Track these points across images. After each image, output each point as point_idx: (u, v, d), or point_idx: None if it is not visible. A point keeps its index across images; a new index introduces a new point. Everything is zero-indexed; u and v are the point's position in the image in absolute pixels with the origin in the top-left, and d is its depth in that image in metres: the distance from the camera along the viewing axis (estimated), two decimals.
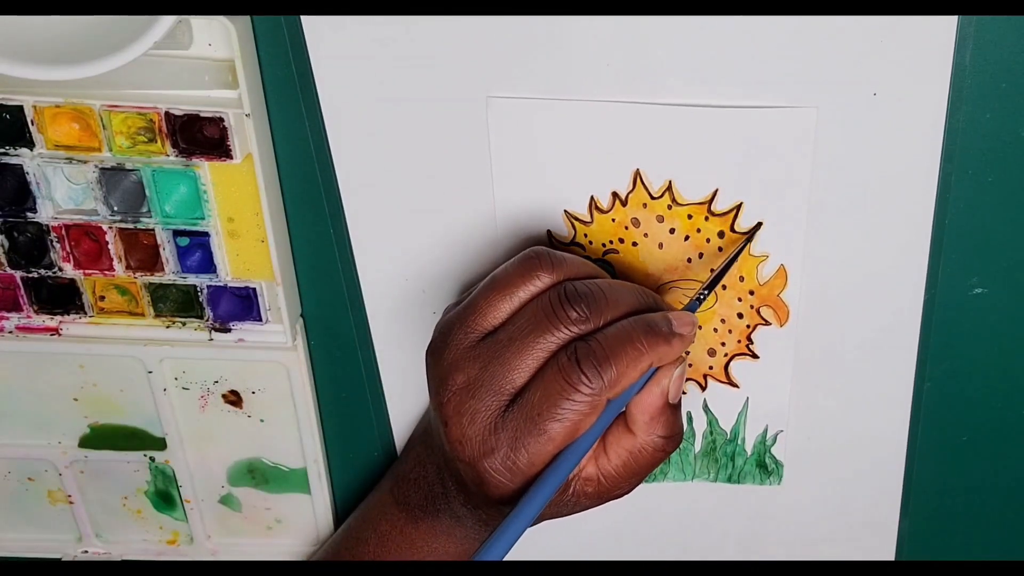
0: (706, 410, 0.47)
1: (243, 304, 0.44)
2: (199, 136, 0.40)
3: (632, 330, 0.35)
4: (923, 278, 0.42)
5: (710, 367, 0.46)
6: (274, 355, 0.45)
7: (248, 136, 0.40)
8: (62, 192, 0.42)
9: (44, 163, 0.41)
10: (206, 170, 0.40)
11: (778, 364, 0.45)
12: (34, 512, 0.52)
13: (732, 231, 0.42)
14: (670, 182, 0.41)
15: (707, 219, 0.41)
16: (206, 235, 0.42)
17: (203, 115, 0.39)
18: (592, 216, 0.42)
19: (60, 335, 0.45)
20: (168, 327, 0.45)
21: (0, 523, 0.52)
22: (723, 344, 0.45)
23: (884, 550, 0.51)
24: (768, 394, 0.46)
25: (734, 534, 0.51)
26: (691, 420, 0.47)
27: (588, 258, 0.43)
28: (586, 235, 0.42)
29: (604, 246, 0.43)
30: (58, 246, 0.43)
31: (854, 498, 0.49)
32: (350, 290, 0.45)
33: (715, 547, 0.51)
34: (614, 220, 0.42)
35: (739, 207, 0.41)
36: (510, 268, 0.37)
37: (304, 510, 0.51)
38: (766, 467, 0.48)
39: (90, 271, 0.43)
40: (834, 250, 0.42)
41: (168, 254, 0.43)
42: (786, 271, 0.43)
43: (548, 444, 0.34)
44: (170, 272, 0.43)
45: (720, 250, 0.42)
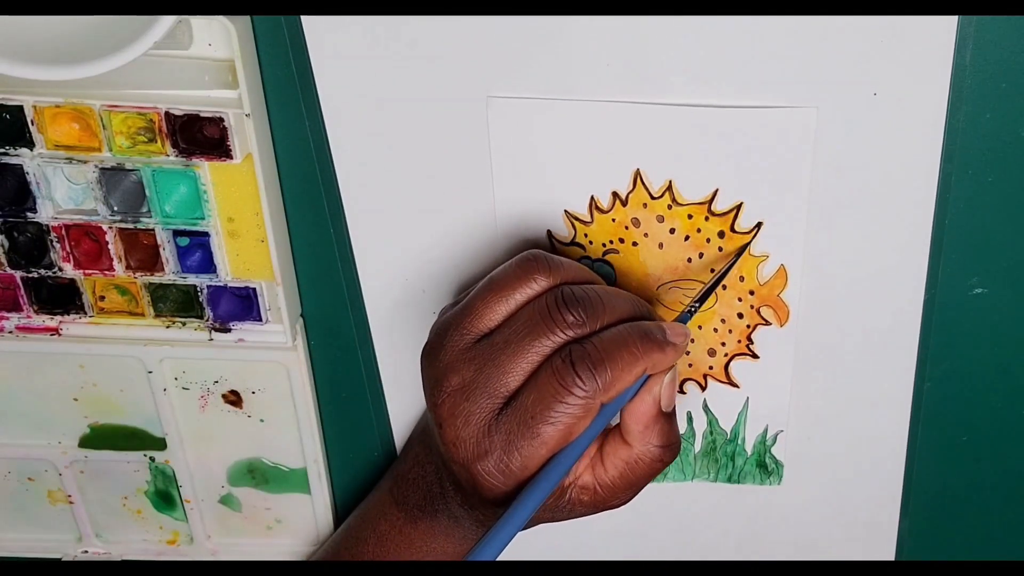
0: (706, 410, 0.47)
1: (243, 304, 0.44)
2: (199, 136, 0.40)
3: (627, 335, 0.35)
4: (923, 278, 0.42)
5: (710, 367, 0.46)
6: (274, 355, 0.45)
7: (248, 136, 0.40)
8: (62, 192, 0.42)
9: (44, 163, 0.41)
10: (206, 170, 0.40)
11: (778, 364, 0.45)
12: (34, 512, 0.52)
13: (732, 231, 0.42)
14: (670, 182, 0.41)
15: (707, 219, 0.41)
16: (206, 235, 0.42)
17: (203, 115, 0.39)
18: (592, 216, 0.42)
19: (60, 335, 0.45)
20: (168, 327, 0.45)
21: (0, 523, 0.52)
22: (723, 344, 0.45)
23: (884, 550, 0.51)
24: (768, 394, 0.46)
25: (734, 534, 0.51)
26: (691, 420, 0.47)
27: (587, 259, 0.43)
28: (586, 235, 0.42)
29: (604, 246, 0.43)
30: (58, 246, 0.43)
31: (854, 498, 0.49)
32: (350, 290, 0.45)
33: (715, 547, 0.51)
34: (614, 220, 0.42)
35: (739, 207, 0.41)
36: (507, 270, 0.36)
37: (304, 510, 0.51)
38: (766, 467, 0.48)
39: (90, 271, 0.43)
40: (834, 250, 0.42)
41: (168, 254, 0.43)
42: (786, 271, 0.43)
43: (541, 447, 0.34)
44: (170, 272, 0.43)
45: (720, 250, 0.42)
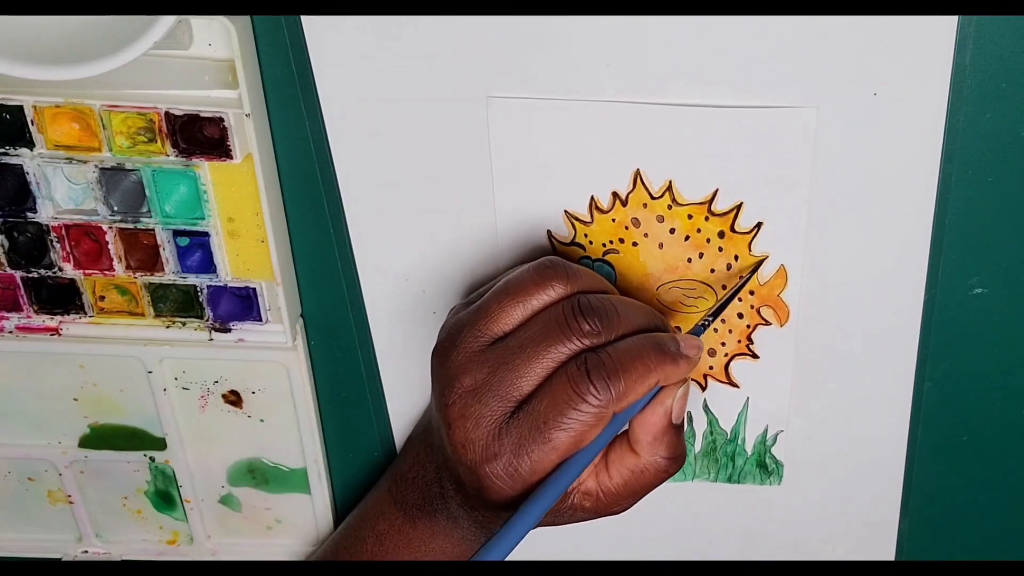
0: (706, 410, 0.47)
1: (243, 304, 0.44)
2: (199, 136, 0.40)
3: (642, 346, 0.35)
4: (923, 278, 0.42)
5: (710, 367, 0.46)
6: (274, 355, 0.45)
7: (248, 136, 0.40)
8: (62, 192, 0.42)
9: (44, 163, 0.41)
10: (206, 170, 0.40)
11: (778, 364, 0.45)
12: (34, 512, 0.52)
13: (732, 231, 0.42)
14: (670, 182, 0.41)
15: (707, 219, 0.41)
16: (206, 235, 0.42)
17: (203, 115, 0.39)
18: (592, 216, 0.42)
19: (60, 335, 0.45)
20: (168, 327, 0.45)
21: (0, 523, 0.52)
22: (723, 344, 0.45)
23: (884, 550, 0.51)
24: (768, 394, 0.46)
25: (734, 534, 0.51)
26: (691, 420, 0.47)
27: (587, 259, 0.43)
28: (586, 235, 0.42)
29: (604, 246, 0.43)
30: (58, 246, 0.43)
31: (854, 498, 0.49)
32: (350, 290, 0.45)
33: (715, 547, 0.51)
34: (614, 220, 0.42)
35: (739, 207, 0.41)
36: (524, 275, 0.37)
37: (304, 510, 0.51)
38: (766, 467, 0.48)
39: (90, 271, 0.43)
40: (834, 250, 0.42)
41: (168, 254, 0.43)
42: (786, 271, 0.43)
43: (552, 453, 0.34)
44: (170, 272, 0.43)
45: (720, 250, 0.42)
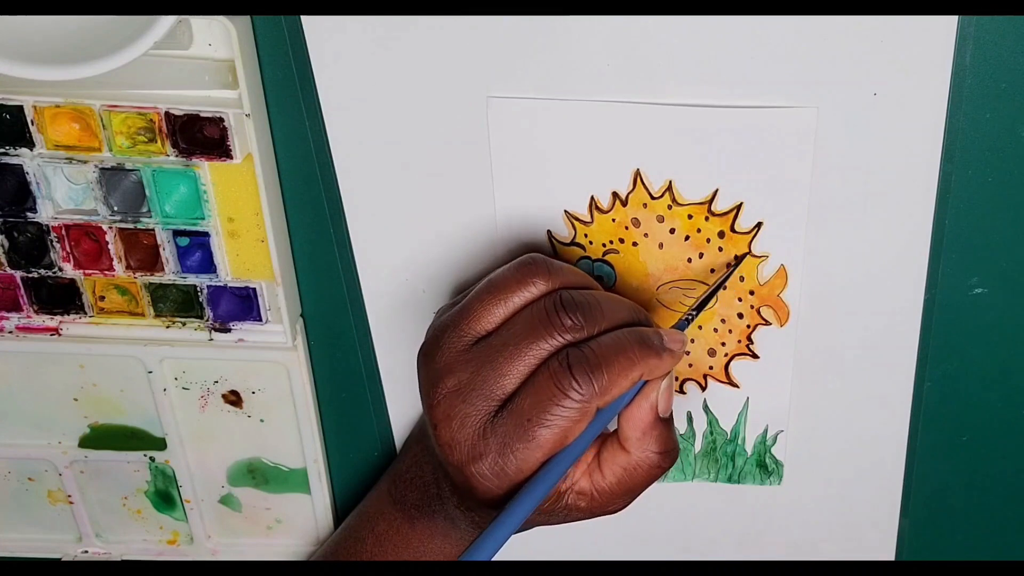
0: (706, 410, 0.47)
1: (243, 304, 0.44)
2: (199, 136, 0.40)
3: (624, 340, 0.35)
4: (923, 278, 0.42)
5: (710, 367, 0.46)
6: (274, 355, 0.45)
7: (248, 136, 0.40)
8: (62, 192, 0.42)
9: (44, 163, 0.41)
10: (206, 170, 0.40)
11: (778, 364, 0.45)
12: (34, 512, 0.52)
13: (732, 231, 0.42)
14: (670, 182, 0.41)
15: (707, 219, 0.41)
16: (206, 235, 0.42)
17: (203, 115, 0.39)
18: (592, 216, 0.42)
19: (60, 335, 0.45)
20: (168, 327, 0.45)
21: (0, 523, 0.52)
22: (723, 344, 0.45)
23: (884, 550, 0.51)
24: (768, 394, 0.46)
25: (734, 534, 0.51)
26: (691, 420, 0.47)
27: (587, 259, 0.43)
28: (586, 235, 0.42)
29: (604, 246, 0.43)
30: (58, 246, 0.43)
31: (854, 498, 0.49)
32: (350, 290, 0.45)
33: (715, 547, 0.51)
34: (614, 220, 0.42)
35: (739, 207, 0.41)
36: (506, 273, 0.36)
37: (304, 510, 0.51)
38: (766, 467, 0.48)
39: (90, 271, 0.43)
40: (834, 250, 0.42)
41: (168, 254, 0.43)
42: (786, 271, 0.43)
43: (537, 450, 0.34)
44: (170, 272, 0.43)
45: (721, 250, 0.42)
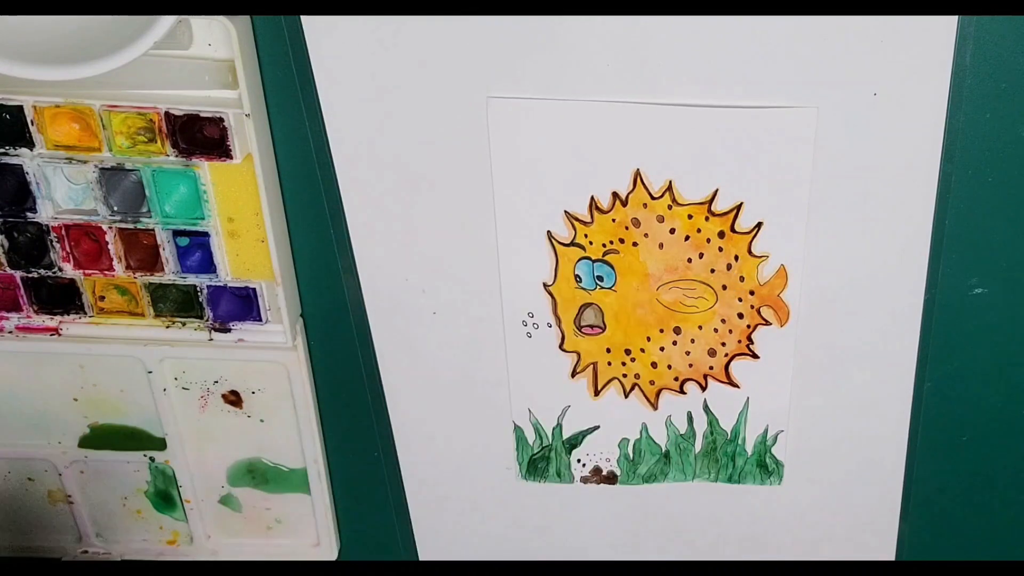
0: (706, 410, 0.47)
1: (243, 304, 0.44)
2: (199, 136, 0.40)
3: None
4: (923, 278, 0.42)
5: (710, 367, 0.46)
6: (274, 355, 0.45)
7: (248, 136, 0.40)
8: (62, 192, 0.42)
9: (44, 163, 0.41)
10: (206, 170, 0.40)
11: (778, 364, 0.45)
12: (34, 512, 0.51)
13: (732, 231, 0.42)
14: (670, 182, 0.41)
15: (707, 219, 0.41)
16: (206, 235, 0.42)
17: (203, 115, 0.39)
18: (592, 216, 0.42)
19: (60, 335, 0.45)
20: (168, 327, 0.45)
21: (0, 523, 0.52)
22: (723, 344, 0.45)
23: (884, 550, 0.51)
24: (768, 394, 0.46)
25: (734, 534, 0.51)
26: (691, 420, 0.47)
27: (588, 259, 0.43)
28: (586, 235, 0.42)
29: (604, 246, 0.43)
30: (58, 246, 0.43)
31: (854, 498, 0.49)
32: (350, 290, 0.45)
33: (715, 547, 0.51)
34: (614, 220, 0.42)
35: (739, 207, 0.41)
36: None
37: (304, 510, 0.51)
38: (766, 467, 0.48)
39: (90, 271, 0.43)
40: (834, 250, 0.42)
41: (168, 254, 0.43)
42: (786, 271, 0.43)
43: None
44: (170, 272, 0.43)
45: (720, 250, 0.42)
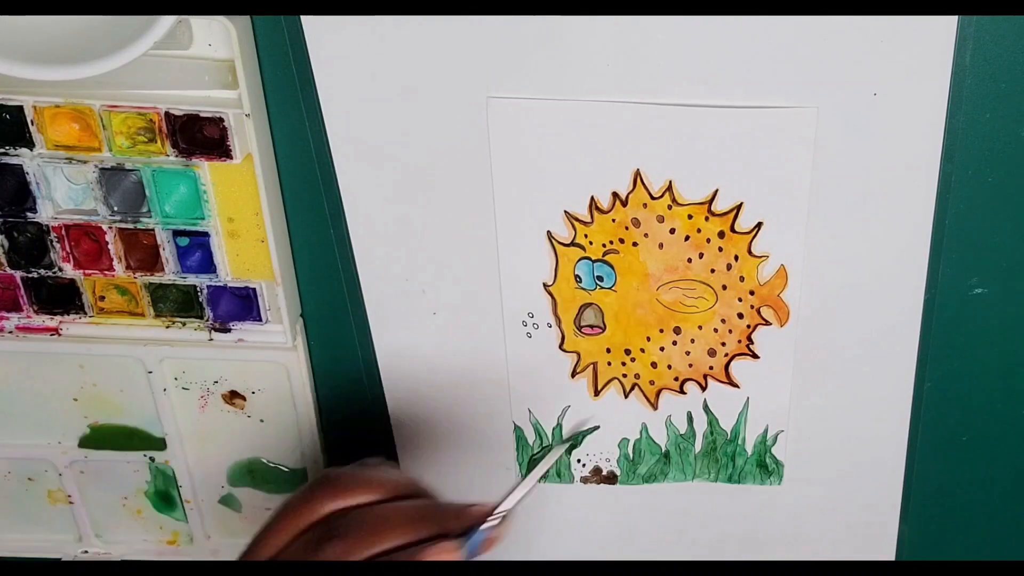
0: (706, 410, 0.47)
1: (243, 304, 0.44)
2: (199, 136, 0.40)
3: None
4: (923, 278, 0.42)
5: (710, 367, 0.46)
6: (274, 355, 0.45)
7: (248, 136, 0.40)
8: (62, 192, 0.42)
9: (44, 163, 0.41)
10: (206, 170, 0.40)
11: (778, 364, 0.45)
12: (34, 512, 0.52)
13: (732, 231, 0.42)
14: (670, 182, 0.41)
15: (707, 219, 0.41)
16: (206, 235, 0.42)
17: (203, 115, 0.39)
18: (592, 216, 0.42)
19: (60, 335, 0.45)
20: (168, 327, 0.45)
21: (0, 523, 0.52)
22: (723, 344, 0.45)
23: (884, 550, 0.51)
24: (768, 394, 0.46)
25: (734, 534, 0.51)
26: (691, 420, 0.47)
27: (588, 259, 0.43)
28: (586, 235, 0.42)
29: (604, 246, 0.43)
30: (58, 246, 0.43)
31: (854, 498, 0.49)
32: (350, 290, 0.45)
33: (715, 547, 0.51)
34: (614, 220, 0.42)
35: (739, 207, 0.41)
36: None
37: None
38: (766, 467, 0.48)
39: (90, 271, 0.43)
40: (834, 250, 0.42)
41: (168, 254, 0.43)
42: (786, 271, 0.42)
43: None
44: (170, 272, 0.43)
45: (720, 250, 0.42)
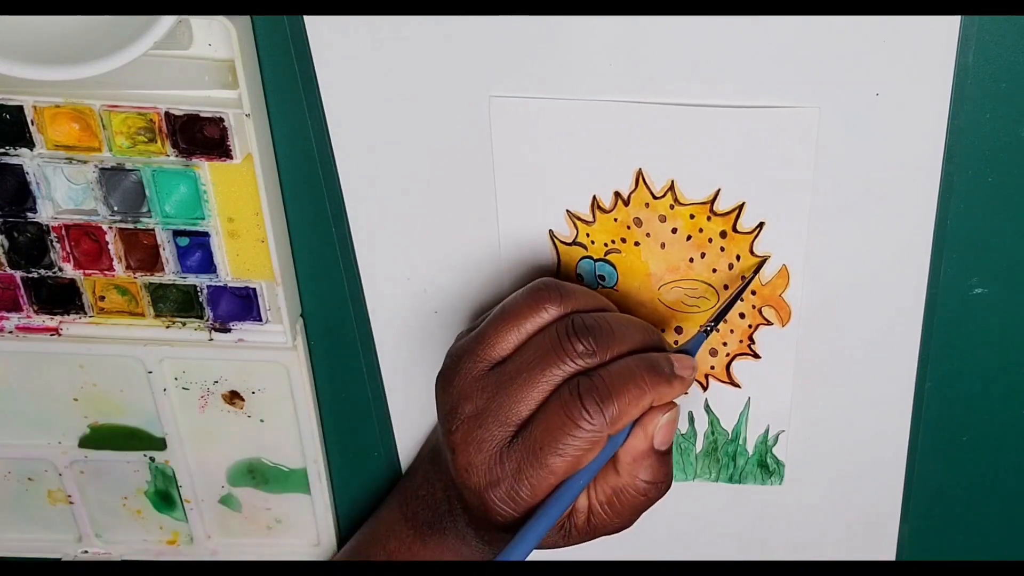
0: (708, 410, 0.47)
1: (243, 304, 0.44)
2: (199, 136, 0.40)
3: (636, 368, 0.35)
4: (924, 278, 0.42)
5: (712, 367, 0.45)
6: (274, 355, 0.45)
7: (248, 136, 0.40)
8: (62, 192, 0.42)
9: (44, 163, 0.41)
10: (206, 170, 0.40)
11: (780, 364, 0.45)
12: (34, 512, 0.51)
13: (734, 231, 0.42)
14: (672, 182, 0.41)
15: (709, 219, 0.41)
16: (206, 235, 0.42)
17: (203, 115, 0.39)
18: (594, 216, 0.42)
19: (60, 335, 0.45)
20: (168, 327, 0.45)
21: (0, 523, 0.52)
22: (725, 344, 0.45)
23: (885, 550, 0.51)
24: (770, 394, 0.46)
25: (735, 534, 0.51)
26: (692, 420, 0.47)
27: (589, 259, 0.43)
28: (588, 235, 0.42)
29: (606, 246, 0.42)
30: (58, 246, 0.43)
31: (855, 498, 0.49)
32: (351, 289, 0.45)
33: (715, 547, 0.51)
34: (616, 220, 0.42)
35: (741, 207, 0.41)
36: (519, 299, 0.37)
37: (304, 510, 0.51)
38: (767, 467, 0.48)
39: (90, 271, 0.43)
40: (836, 250, 0.42)
41: (168, 254, 0.43)
42: (788, 271, 0.42)
43: (550, 476, 0.34)
44: (170, 272, 0.43)
45: (722, 250, 0.42)
